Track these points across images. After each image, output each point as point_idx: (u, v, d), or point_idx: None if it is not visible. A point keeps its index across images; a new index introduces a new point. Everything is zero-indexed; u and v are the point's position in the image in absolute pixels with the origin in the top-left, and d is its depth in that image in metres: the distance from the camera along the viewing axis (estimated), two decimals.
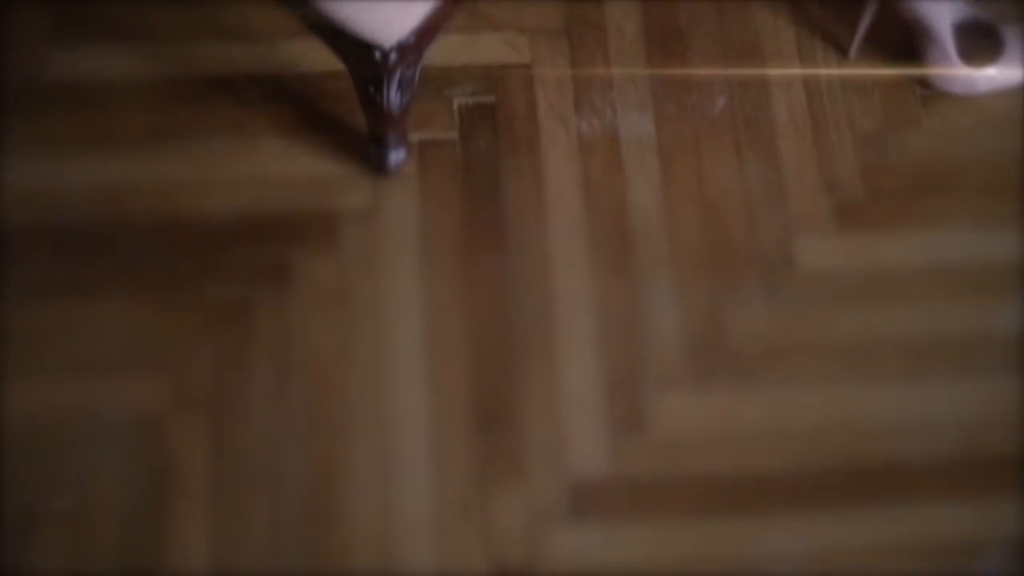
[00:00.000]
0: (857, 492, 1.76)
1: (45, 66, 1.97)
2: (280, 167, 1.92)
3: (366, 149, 1.90)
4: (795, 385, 1.81)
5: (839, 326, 1.85)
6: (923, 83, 2.01)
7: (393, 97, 1.70)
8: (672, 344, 1.83)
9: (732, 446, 1.78)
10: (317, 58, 1.91)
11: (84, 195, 1.89)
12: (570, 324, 1.84)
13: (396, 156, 1.89)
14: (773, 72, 2.02)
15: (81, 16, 1.99)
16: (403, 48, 1.60)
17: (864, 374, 1.82)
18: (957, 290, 1.88)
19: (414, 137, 1.92)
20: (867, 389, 1.82)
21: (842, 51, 2.04)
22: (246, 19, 1.98)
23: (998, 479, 1.78)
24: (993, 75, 1.98)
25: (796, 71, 2.02)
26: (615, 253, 1.88)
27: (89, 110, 1.95)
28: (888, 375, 1.83)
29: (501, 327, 1.83)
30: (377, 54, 1.60)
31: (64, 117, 1.94)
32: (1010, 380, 1.83)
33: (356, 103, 1.80)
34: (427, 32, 1.61)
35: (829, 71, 2.03)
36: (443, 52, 1.88)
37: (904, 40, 2.02)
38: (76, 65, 1.98)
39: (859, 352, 1.84)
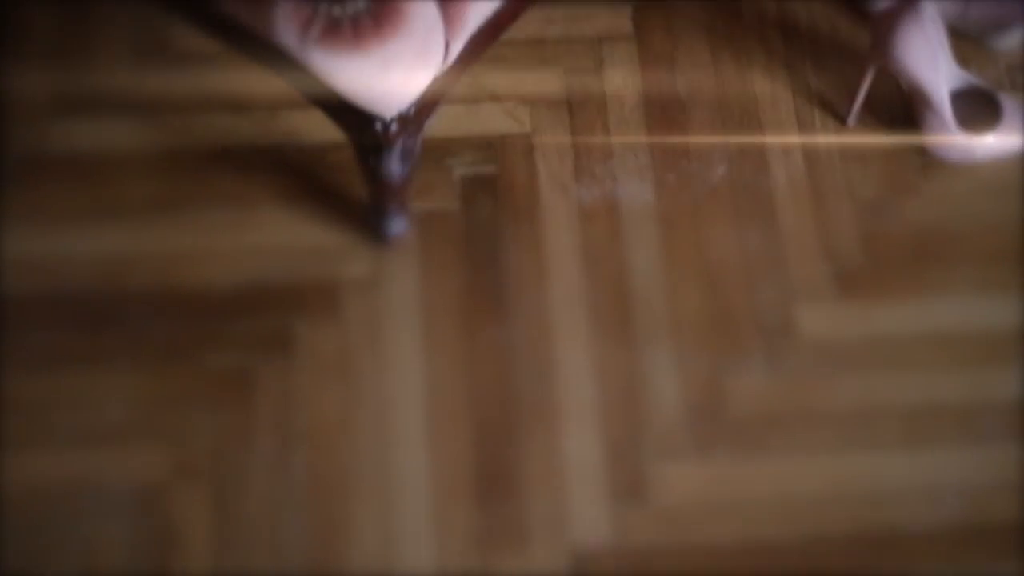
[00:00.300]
0: (859, 560, 1.78)
1: (46, 137, 2.00)
2: (281, 237, 1.94)
3: (367, 219, 1.93)
4: (796, 453, 1.83)
5: (840, 393, 1.87)
6: (922, 150, 2.03)
7: (394, 167, 1.72)
8: (673, 412, 1.85)
9: (734, 514, 1.79)
10: (318, 128, 1.93)
11: (85, 265, 1.91)
12: (571, 392, 1.86)
13: (397, 226, 1.91)
14: (772, 140, 2.04)
15: (82, 87, 2.01)
16: (404, 119, 1.62)
17: (865, 441, 1.84)
18: (958, 357, 1.90)
19: (415, 206, 1.95)
20: (868, 456, 1.83)
21: (840, 119, 2.06)
22: (247, 90, 2.00)
23: (1000, 546, 1.79)
24: (991, 142, 2.00)
25: (795, 139, 2.05)
26: (616, 321, 1.90)
27: (90, 181, 1.97)
28: (889, 442, 1.84)
29: (502, 395, 1.85)
30: (378, 125, 1.61)
31: (65, 188, 1.96)
32: (1012, 447, 1.85)
33: (357, 173, 1.82)
34: (428, 103, 1.63)
35: (828, 139, 2.05)
36: (444, 122, 1.90)
37: (902, 107, 2.04)
38: (77, 136, 2.00)
39: (860, 419, 1.85)
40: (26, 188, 1.96)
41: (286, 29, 1.45)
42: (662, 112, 2.05)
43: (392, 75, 1.51)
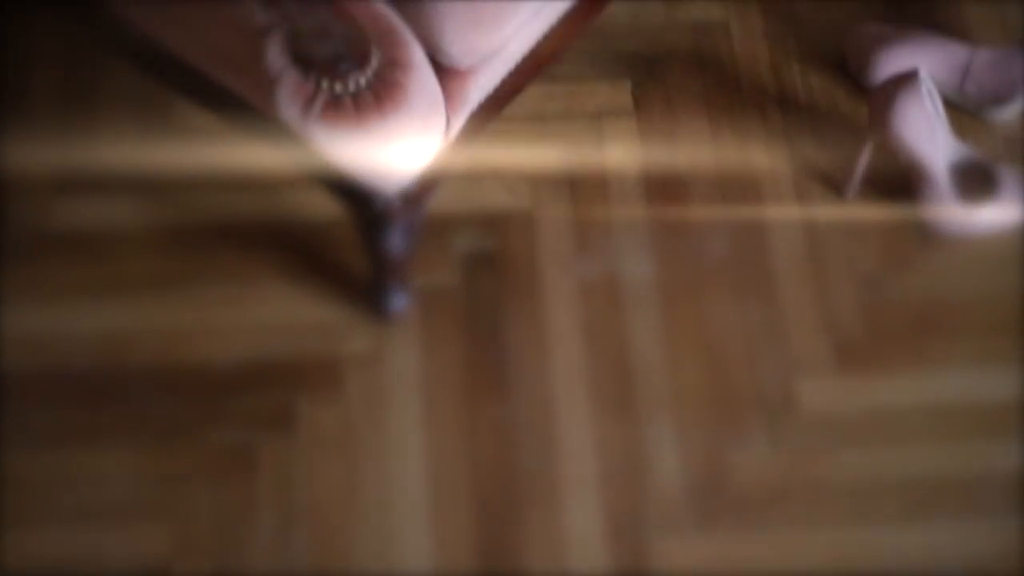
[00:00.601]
0: None
1: (48, 213, 2.02)
2: (283, 313, 1.96)
3: (369, 294, 1.95)
4: (799, 527, 1.83)
5: (842, 467, 1.88)
6: (921, 223, 2.04)
7: (395, 243, 1.74)
8: (674, 486, 1.86)
9: None
10: (320, 204, 1.96)
11: (87, 342, 1.93)
12: (572, 467, 1.87)
13: (398, 301, 1.93)
14: (771, 214, 2.06)
15: (84, 163, 2.03)
16: (405, 196, 1.63)
17: (868, 515, 1.85)
18: (958, 429, 1.91)
19: (416, 282, 1.96)
20: (871, 530, 1.84)
21: (839, 192, 2.08)
22: (249, 166, 2.01)
23: None
24: (990, 215, 2.01)
25: (794, 212, 2.06)
26: (617, 396, 1.92)
27: (92, 257, 1.99)
28: (891, 516, 1.85)
29: (504, 471, 1.86)
30: (380, 202, 1.62)
31: (67, 264, 1.98)
32: (1014, 519, 1.85)
33: (359, 249, 1.84)
34: (429, 180, 1.65)
35: (827, 212, 2.06)
36: (445, 197, 1.92)
37: (901, 180, 2.05)
38: (79, 212, 2.02)
39: (862, 493, 1.86)
40: (27, 264, 1.97)
41: (288, 106, 1.46)
42: (662, 187, 2.07)
43: (394, 152, 1.52)
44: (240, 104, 1.58)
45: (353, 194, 1.65)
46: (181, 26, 1.54)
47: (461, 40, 1.53)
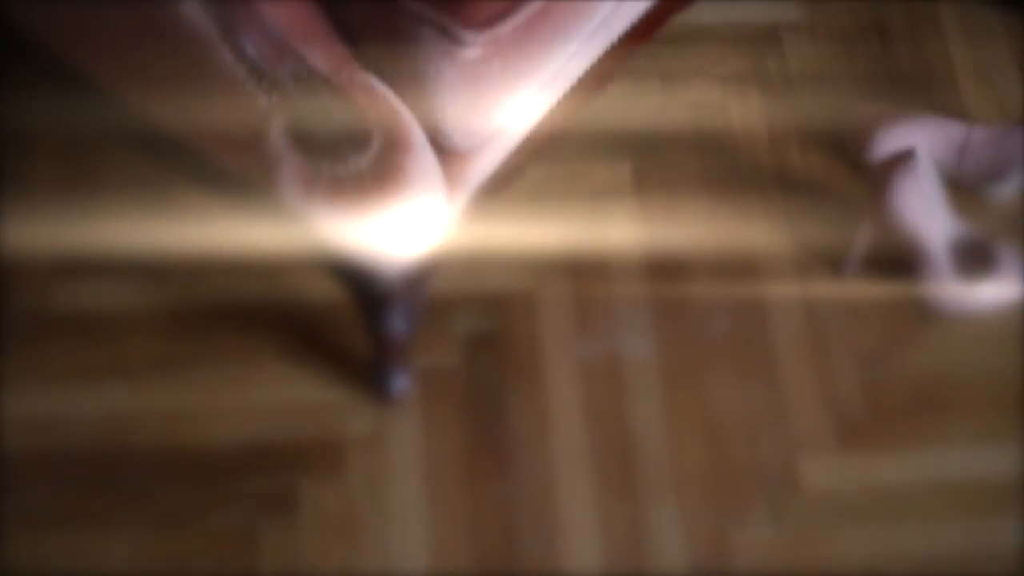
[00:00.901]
0: None
1: (48, 295, 2.03)
2: (285, 394, 1.97)
3: (370, 376, 1.96)
4: None
5: (844, 546, 1.88)
6: (920, 300, 2.05)
7: (397, 325, 1.75)
8: (678, 567, 1.86)
9: None
10: (321, 285, 1.98)
11: (88, 424, 1.93)
12: (574, 547, 1.87)
13: (399, 383, 1.94)
14: (772, 292, 2.08)
15: (85, 244, 2.04)
16: (407, 278, 1.64)
17: None
18: (960, 507, 1.92)
19: (417, 363, 1.97)
20: None
21: (839, 270, 2.09)
22: (250, 247, 2.00)
23: None
24: (989, 292, 2.03)
25: (794, 291, 2.08)
26: (618, 475, 1.92)
27: (93, 340, 2.00)
28: None
29: (505, 552, 1.87)
30: (381, 284, 1.63)
31: (68, 346, 1.99)
32: None
33: (360, 330, 1.85)
34: (430, 261, 1.66)
35: (827, 290, 2.08)
36: (446, 279, 1.93)
37: (900, 257, 2.07)
38: (80, 295, 2.03)
39: (865, 572, 1.86)
40: (28, 346, 1.98)
41: (289, 187, 1.47)
42: (663, 266, 2.09)
43: (395, 234, 1.53)
44: (241, 185, 1.59)
45: (354, 276, 1.66)
46: (181, 108, 1.55)
47: (461, 123, 1.55)
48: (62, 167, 2.13)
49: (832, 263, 2.10)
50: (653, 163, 2.17)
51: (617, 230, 2.11)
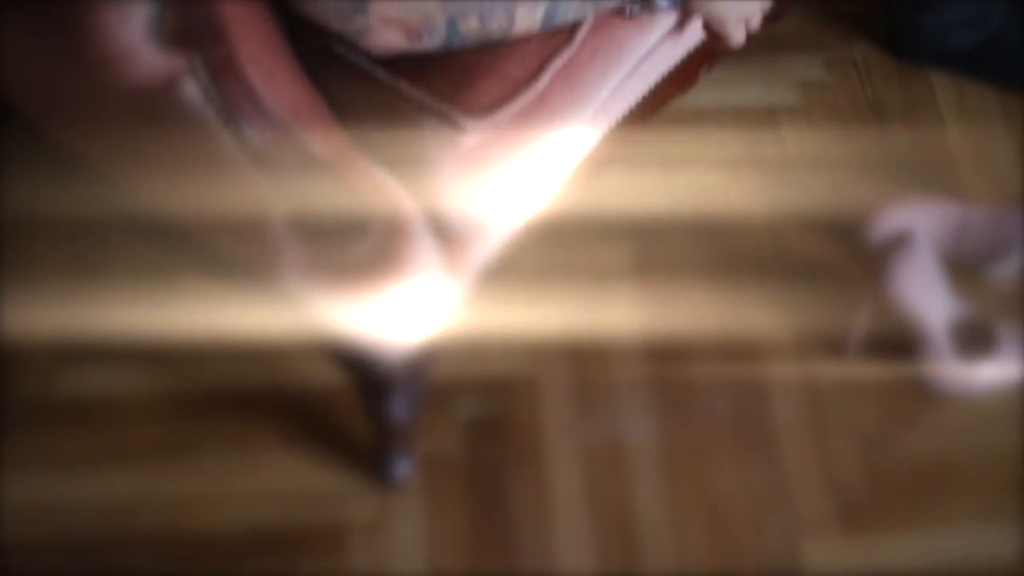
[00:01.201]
0: None
1: (51, 382, 2.03)
2: (286, 480, 1.97)
3: (371, 461, 1.96)
4: None
5: None
6: (921, 381, 2.05)
7: (398, 410, 1.76)
8: None
9: None
10: (322, 371, 1.98)
11: (90, 510, 1.93)
12: None
13: (401, 468, 1.94)
14: (772, 374, 2.08)
15: (87, 330, 2.04)
16: (408, 363, 1.65)
17: None
18: None
19: (419, 448, 1.98)
20: None
21: (840, 351, 2.10)
22: (252, 332, 2.01)
23: None
24: (990, 372, 2.03)
25: (795, 372, 2.08)
26: (621, 559, 1.92)
27: (94, 426, 2.00)
28: None
29: None
30: (382, 369, 1.64)
31: (69, 433, 1.99)
32: None
33: (361, 416, 1.85)
34: (432, 346, 1.66)
35: (828, 371, 2.08)
36: (447, 363, 1.94)
37: (900, 338, 2.07)
38: (82, 381, 2.04)
39: None
40: (29, 433, 1.98)
41: (290, 273, 1.48)
42: (663, 349, 2.09)
43: (395, 319, 1.54)
44: (242, 271, 1.61)
45: (355, 360, 1.66)
46: (182, 193, 1.56)
47: (461, 208, 1.57)
48: (65, 253, 2.14)
49: (832, 344, 2.10)
50: (653, 246, 2.18)
51: (617, 313, 2.12)
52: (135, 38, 1.25)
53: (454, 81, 1.58)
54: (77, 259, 2.13)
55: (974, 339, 2.05)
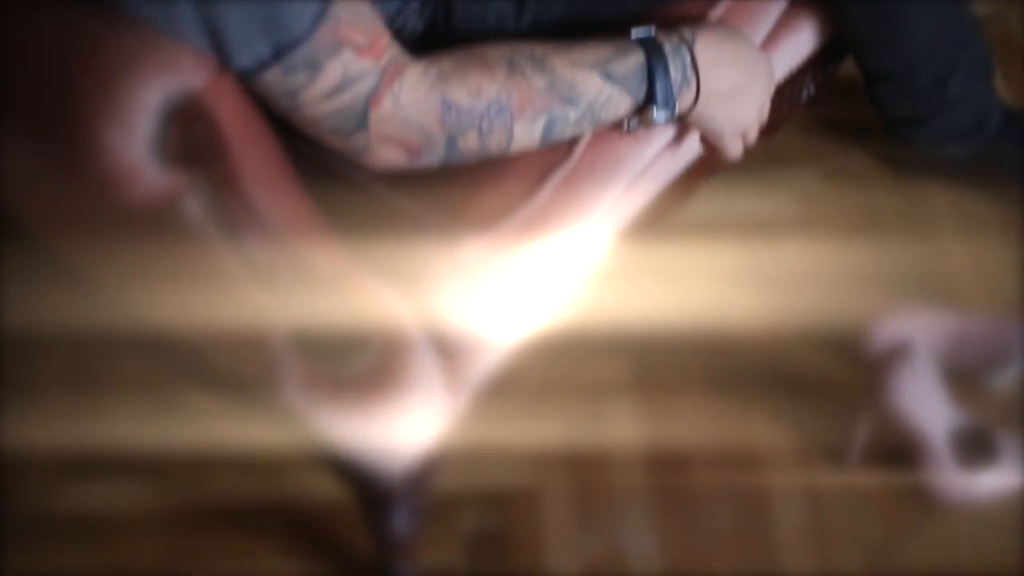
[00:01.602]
0: None
1: (52, 497, 2.04)
2: None
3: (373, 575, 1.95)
4: None
5: None
6: (922, 490, 2.04)
7: (399, 524, 1.75)
8: None
9: None
10: (323, 485, 1.97)
11: None
12: None
13: None
14: (774, 483, 2.08)
15: (89, 445, 2.04)
16: (409, 477, 1.65)
17: None
18: None
19: (420, 562, 1.95)
20: None
21: (841, 460, 2.09)
22: (253, 446, 2.01)
23: None
24: (991, 481, 2.02)
25: (796, 482, 2.08)
26: None
27: (97, 542, 2.00)
28: None
29: None
30: (383, 483, 1.64)
31: (70, 550, 1.99)
32: None
33: (362, 530, 1.84)
34: (432, 459, 1.66)
35: (828, 480, 2.08)
36: (448, 476, 1.93)
37: (901, 447, 2.06)
38: (84, 496, 2.04)
39: None
40: (29, 549, 1.98)
41: (290, 388, 1.49)
42: (664, 460, 2.09)
43: (396, 433, 1.54)
44: (242, 386, 1.61)
45: (356, 474, 1.67)
46: (181, 307, 1.57)
47: (461, 322, 1.57)
48: (65, 366, 2.16)
49: (834, 454, 2.10)
50: (653, 359, 2.19)
51: (618, 425, 2.12)
52: (138, 156, 1.26)
53: (454, 195, 1.60)
54: (77, 373, 2.14)
55: (975, 448, 2.05)
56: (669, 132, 1.75)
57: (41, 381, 2.13)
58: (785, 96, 1.97)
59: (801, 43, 2.01)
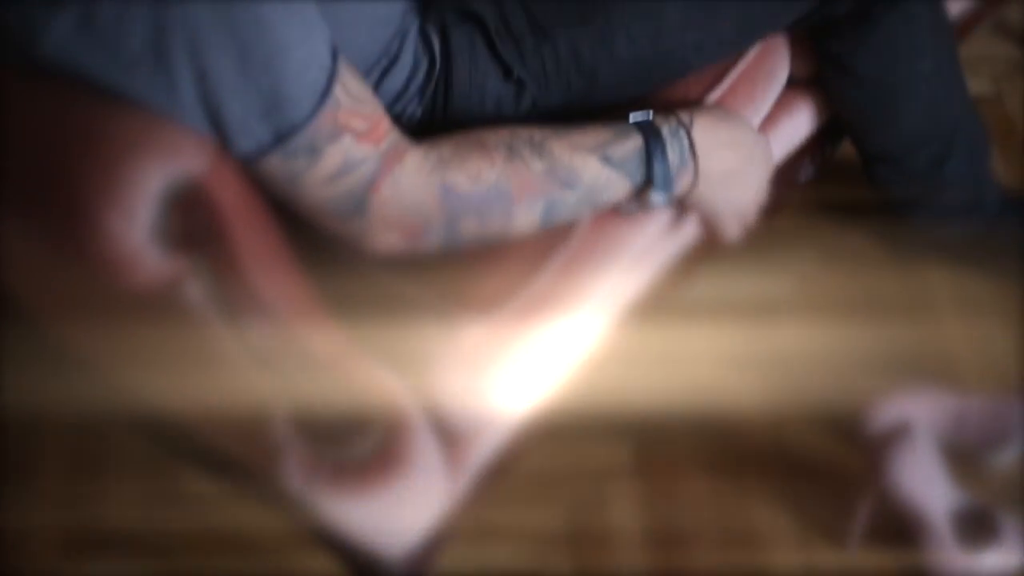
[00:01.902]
0: None
1: None
2: None
3: None
4: None
5: None
6: (923, 570, 2.02)
7: None
8: None
9: None
10: (325, 568, 1.96)
11: None
12: None
13: None
14: (774, 565, 2.06)
15: (91, 528, 2.05)
16: (410, 560, 1.64)
17: None
18: None
19: None
20: None
21: (841, 541, 2.09)
22: (254, 529, 2.03)
23: None
24: (992, 561, 2.00)
25: (797, 563, 2.07)
26: None
27: None
28: None
29: None
30: (384, 566, 1.63)
31: None
32: None
33: None
34: (433, 543, 1.66)
35: (829, 562, 2.07)
36: (448, 559, 1.93)
37: (902, 528, 2.04)
38: None
39: None
40: None
41: (292, 473, 1.49)
42: (665, 545, 2.08)
43: (397, 516, 1.54)
44: (242, 469, 1.61)
45: (356, 556, 1.66)
46: (183, 392, 1.57)
47: (461, 405, 1.57)
48: (66, 449, 2.15)
49: (834, 535, 2.09)
50: (653, 442, 2.18)
51: (618, 506, 2.12)
52: (139, 241, 1.26)
53: (454, 278, 1.60)
54: (78, 455, 2.14)
55: (976, 528, 2.04)
56: (668, 215, 1.76)
57: (42, 462, 2.12)
58: (784, 177, 1.97)
59: (799, 125, 2.03)
